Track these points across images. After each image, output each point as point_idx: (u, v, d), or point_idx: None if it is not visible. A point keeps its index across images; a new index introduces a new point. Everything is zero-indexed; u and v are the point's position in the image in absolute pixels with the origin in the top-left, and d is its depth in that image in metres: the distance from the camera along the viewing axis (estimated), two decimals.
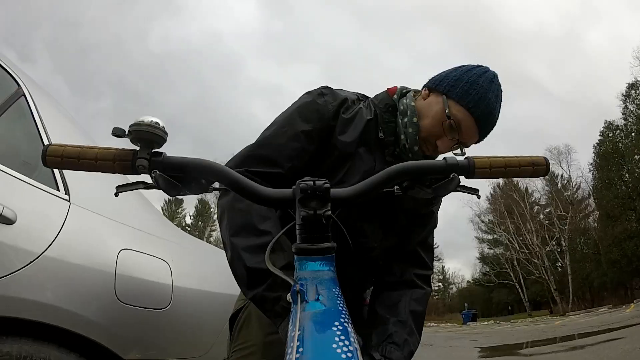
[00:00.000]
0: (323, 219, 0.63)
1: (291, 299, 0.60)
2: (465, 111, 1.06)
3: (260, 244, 0.93)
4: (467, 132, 1.07)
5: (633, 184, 31.05)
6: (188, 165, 0.69)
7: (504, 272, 40.94)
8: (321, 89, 1.14)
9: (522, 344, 10.70)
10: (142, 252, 1.45)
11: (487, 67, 1.13)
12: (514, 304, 44.29)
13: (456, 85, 1.08)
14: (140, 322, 1.36)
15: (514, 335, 14.63)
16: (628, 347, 7.04)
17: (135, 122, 0.65)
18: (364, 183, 0.73)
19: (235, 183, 0.69)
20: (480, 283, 47.97)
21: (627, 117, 32.55)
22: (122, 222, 1.45)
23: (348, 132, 1.10)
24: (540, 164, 0.80)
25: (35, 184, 1.21)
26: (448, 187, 0.75)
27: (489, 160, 0.77)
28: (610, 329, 10.85)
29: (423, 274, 1.26)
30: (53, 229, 1.18)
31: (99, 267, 1.27)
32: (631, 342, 7.59)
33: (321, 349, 0.50)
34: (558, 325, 17.34)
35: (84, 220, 1.30)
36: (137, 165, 0.66)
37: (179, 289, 1.52)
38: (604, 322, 14.10)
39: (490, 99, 1.07)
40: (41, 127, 1.31)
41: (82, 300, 1.19)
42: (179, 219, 53.28)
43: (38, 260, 1.10)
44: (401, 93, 1.18)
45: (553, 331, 14.11)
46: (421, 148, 1.11)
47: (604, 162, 33.43)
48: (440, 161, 0.76)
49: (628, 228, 29.87)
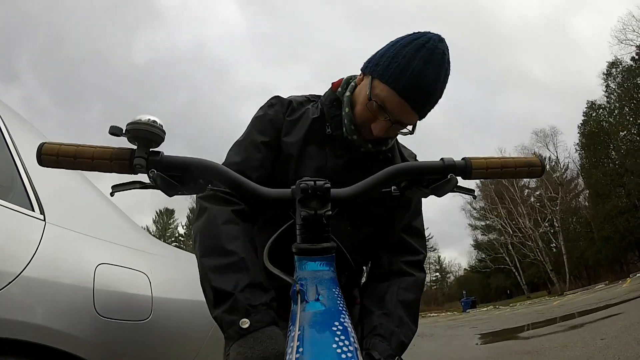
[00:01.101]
0: (324, 219, 0.64)
1: (291, 298, 0.60)
2: (387, 88, 0.99)
3: (227, 263, 0.93)
4: (396, 110, 1.01)
5: (620, 160, 31.49)
6: (187, 164, 0.68)
7: (500, 257, 41.39)
8: (270, 100, 1.18)
9: (522, 327, 10.79)
10: (120, 265, 1.45)
11: (425, 32, 1.02)
12: (512, 288, 44.74)
13: (379, 62, 1.02)
14: (122, 334, 1.36)
15: (513, 319, 14.74)
16: (626, 322, 7.12)
17: (133, 121, 0.64)
18: (363, 183, 0.74)
19: (234, 183, 0.69)
20: (477, 270, 48.49)
21: (610, 94, 32.97)
22: (98, 237, 1.45)
23: (292, 133, 1.12)
24: (536, 165, 0.82)
25: (10, 206, 1.20)
26: (445, 188, 0.76)
27: (485, 162, 0.78)
28: (607, 305, 10.99)
29: (412, 260, 1.22)
30: (29, 248, 1.17)
31: (77, 283, 1.26)
32: (629, 317, 7.70)
33: (321, 349, 0.50)
34: (556, 306, 17.53)
35: (59, 238, 1.29)
36: (135, 164, 0.65)
37: (159, 300, 1.52)
38: (601, 298, 14.27)
39: (415, 69, 0.96)
40: (13, 149, 1.30)
41: (62, 316, 1.18)
42: (171, 230, 53.16)
43: (16, 280, 1.09)
44: (347, 84, 1.16)
45: (552, 312, 14.24)
46: (362, 135, 1.09)
47: (589, 142, 33.88)
48: (438, 162, 0.77)
49: (618, 204, 30.33)
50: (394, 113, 1.01)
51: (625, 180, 30.55)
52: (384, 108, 1.01)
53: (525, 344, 7.57)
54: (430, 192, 0.79)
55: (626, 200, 30.40)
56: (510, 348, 7.45)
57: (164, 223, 52.57)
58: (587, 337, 6.64)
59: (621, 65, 31.62)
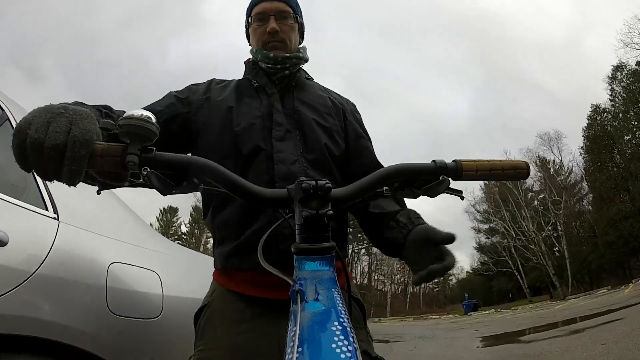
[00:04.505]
0: (325, 219, 0.64)
1: (290, 299, 0.61)
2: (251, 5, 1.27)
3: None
4: (267, 8, 1.23)
5: (624, 164, 31.26)
6: (181, 162, 0.66)
7: (502, 260, 41.06)
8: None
9: (524, 331, 10.76)
10: (132, 264, 1.49)
11: None
12: (514, 291, 44.40)
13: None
14: (133, 332, 1.40)
15: (515, 322, 14.71)
16: (627, 328, 7.10)
17: (125, 116, 0.61)
18: (359, 183, 0.75)
19: (229, 182, 0.68)
20: (480, 272, 48.10)
21: (614, 98, 32.79)
22: (110, 236, 1.49)
23: (223, 94, 1.22)
24: (522, 167, 0.85)
25: (25, 206, 1.24)
26: (438, 189, 0.79)
27: (475, 164, 0.81)
28: (609, 311, 10.92)
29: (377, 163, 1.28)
30: (44, 247, 1.21)
31: (90, 282, 1.30)
32: (630, 323, 7.67)
33: (320, 348, 0.50)
34: (558, 310, 17.45)
35: (73, 237, 1.33)
36: (127, 162, 0.61)
37: (169, 298, 1.56)
38: (603, 303, 14.19)
39: None
40: None
41: (76, 314, 1.22)
42: (174, 228, 53.16)
43: (32, 278, 1.14)
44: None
45: (553, 316, 14.19)
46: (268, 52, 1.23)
47: (594, 145, 33.63)
48: (430, 163, 0.80)
49: (622, 209, 30.08)
50: (267, 11, 1.23)
51: (630, 184, 30.34)
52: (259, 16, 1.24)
53: (526, 348, 7.57)
54: (423, 193, 0.81)
55: (630, 205, 30.16)
56: (511, 351, 7.46)
57: (167, 221, 52.66)
58: (588, 342, 6.63)
59: (626, 69, 31.44)
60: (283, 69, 1.22)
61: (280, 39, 1.24)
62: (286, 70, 1.22)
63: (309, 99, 1.25)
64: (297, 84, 1.26)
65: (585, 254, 35.56)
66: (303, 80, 1.29)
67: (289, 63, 1.23)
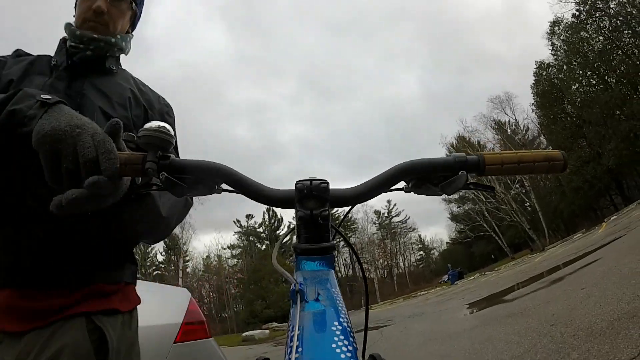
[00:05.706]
0: (320, 219, 0.64)
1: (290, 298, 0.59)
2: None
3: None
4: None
5: (577, 113, 32.40)
6: (194, 167, 0.70)
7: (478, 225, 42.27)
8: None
9: (507, 290, 10.89)
10: None
11: None
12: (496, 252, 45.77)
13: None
14: None
15: (499, 283, 14.95)
16: (604, 268, 7.22)
17: (144, 128, 0.68)
18: (370, 181, 0.73)
19: (240, 183, 0.71)
20: (459, 241, 49.40)
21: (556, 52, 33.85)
22: None
23: (13, 67, 1.09)
24: (557, 159, 0.77)
25: None
26: (456, 185, 0.73)
27: (500, 157, 0.74)
28: (586, 253, 11.20)
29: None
30: None
31: None
32: (606, 262, 7.81)
33: (320, 348, 0.49)
34: (538, 262, 17.86)
35: None
36: (147, 168, 0.67)
37: None
38: (579, 247, 14.60)
39: None
40: None
41: None
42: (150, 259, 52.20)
43: None
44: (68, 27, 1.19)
45: (534, 269, 14.49)
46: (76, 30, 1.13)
47: (544, 100, 34.84)
48: (448, 158, 0.74)
49: (582, 155, 31.26)
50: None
51: (585, 131, 31.46)
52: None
53: (510, 307, 7.59)
54: (440, 190, 0.75)
55: (589, 150, 31.34)
56: (497, 312, 7.49)
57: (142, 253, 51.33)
58: (569, 289, 6.69)
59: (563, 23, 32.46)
60: (86, 49, 1.12)
61: (103, 22, 1.15)
62: (88, 51, 1.12)
63: (104, 86, 1.14)
64: (98, 69, 1.16)
65: (555, 203, 36.81)
66: (108, 68, 1.18)
67: (93, 45, 1.13)
